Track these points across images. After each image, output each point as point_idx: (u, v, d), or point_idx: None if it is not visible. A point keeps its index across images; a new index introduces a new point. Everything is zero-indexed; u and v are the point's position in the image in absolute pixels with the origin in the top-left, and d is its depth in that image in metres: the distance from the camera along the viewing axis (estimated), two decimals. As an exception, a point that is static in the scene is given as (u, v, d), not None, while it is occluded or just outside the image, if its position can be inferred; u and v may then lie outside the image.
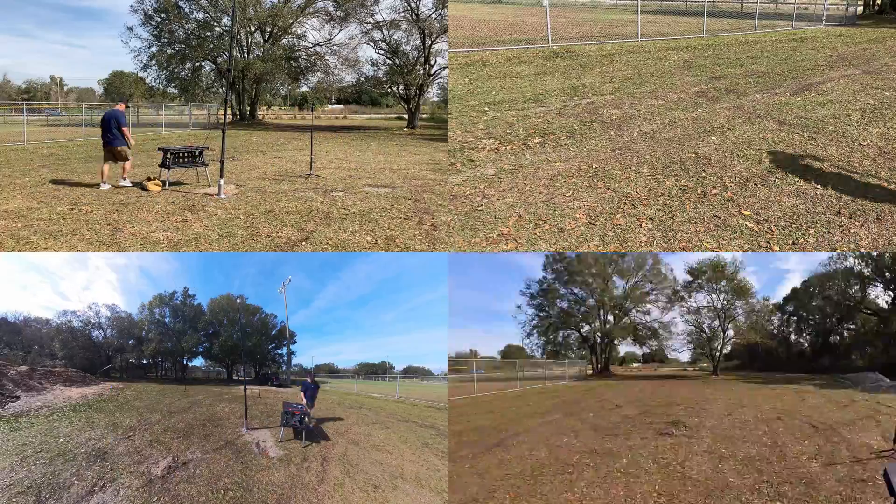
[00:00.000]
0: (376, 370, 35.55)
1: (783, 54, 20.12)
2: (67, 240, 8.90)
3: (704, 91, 14.03)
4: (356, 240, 9.24)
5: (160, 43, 41.69)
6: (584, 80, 15.20)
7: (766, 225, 6.83)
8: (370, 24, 41.59)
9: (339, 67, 43.65)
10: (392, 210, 11.20)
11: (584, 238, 6.74)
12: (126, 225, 9.76)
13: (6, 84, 58.50)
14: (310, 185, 14.13)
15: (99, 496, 5.42)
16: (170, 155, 13.41)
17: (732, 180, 8.16)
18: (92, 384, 15.03)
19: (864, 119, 11.24)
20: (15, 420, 8.83)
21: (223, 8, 40.08)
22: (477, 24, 28.52)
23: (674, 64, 18.03)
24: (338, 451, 7.81)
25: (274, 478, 6.32)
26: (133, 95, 54.94)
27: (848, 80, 15.25)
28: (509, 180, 8.36)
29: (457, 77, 15.57)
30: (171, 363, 25.61)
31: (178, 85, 44.53)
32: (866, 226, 6.77)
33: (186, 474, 6.20)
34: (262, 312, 26.72)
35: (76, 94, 62.66)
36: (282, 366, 26.47)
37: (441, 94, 44.28)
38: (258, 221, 10.24)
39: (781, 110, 12.09)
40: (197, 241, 9.08)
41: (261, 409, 11.59)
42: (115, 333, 24.12)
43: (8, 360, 16.30)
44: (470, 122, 11.19)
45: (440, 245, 8.87)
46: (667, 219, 7.05)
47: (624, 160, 9.10)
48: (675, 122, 11.29)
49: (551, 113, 11.96)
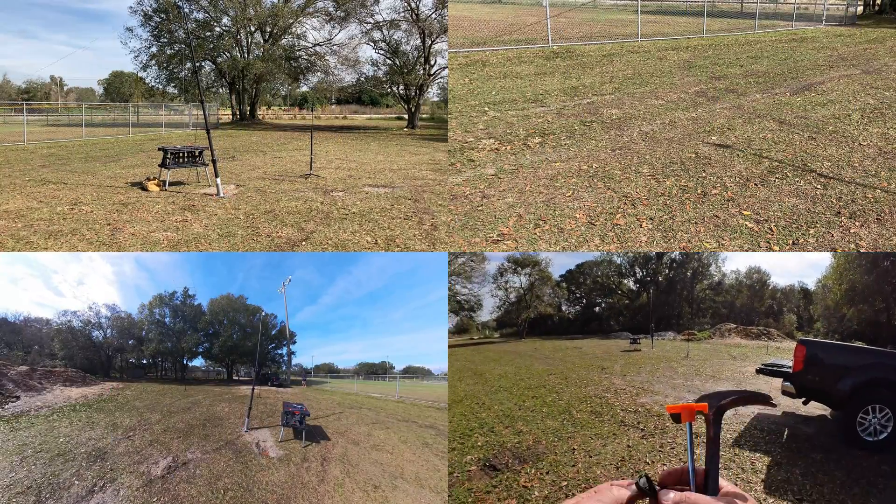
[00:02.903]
0: (376, 370, 35.57)
1: (783, 54, 20.12)
2: (67, 240, 8.90)
3: (704, 91, 14.03)
4: (356, 240, 9.23)
5: (160, 43, 41.69)
6: (584, 80, 15.20)
7: (766, 225, 6.83)
8: (370, 24, 41.59)
9: (339, 67, 43.62)
10: (392, 210, 11.20)
11: (584, 238, 6.73)
12: (126, 225, 9.76)
13: (6, 84, 58.45)
14: (310, 185, 14.13)
15: (99, 496, 5.42)
16: (170, 155, 13.42)
17: (732, 180, 8.16)
18: (92, 384, 15.03)
19: (864, 119, 11.24)
20: (15, 420, 8.83)
21: (223, 8, 40.06)
22: (477, 24, 28.50)
23: (674, 64, 18.02)
24: (338, 451, 7.81)
25: (274, 478, 6.32)
26: (133, 95, 54.93)
27: (848, 80, 15.24)
28: (509, 180, 8.36)
29: (457, 77, 15.57)
30: (171, 363, 25.62)
31: (178, 85, 44.50)
32: (866, 226, 6.77)
33: (186, 474, 6.20)
34: (263, 312, 26.73)
35: (76, 94, 62.62)
36: (282, 366, 26.49)
37: (441, 94, 44.27)
38: (258, 221, 10.24)
39: (781, 110, 12.08)
40: (197, 241, 9.08)
41: (261, 409, 11.59)
42: (115, 333, 24.13)
43: (8, 360, 16.30)
44: (470, 122, 11.19)
45: (440, 245, 8.86)
46: (667, 219, 7.05)
47: (624, 160, 9.09)
48: (675, 122, 11.29)
49: (551, 113, 11.96)
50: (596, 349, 17.27)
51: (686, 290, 29.93)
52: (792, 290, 30.75)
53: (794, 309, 30.03)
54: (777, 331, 23.42)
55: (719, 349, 17.09)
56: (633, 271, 32.70)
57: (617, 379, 11.46)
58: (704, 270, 31.10)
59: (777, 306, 30.45)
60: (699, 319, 27.57)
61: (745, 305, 29.40)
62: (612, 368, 12.92)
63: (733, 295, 30.11)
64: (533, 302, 33.96)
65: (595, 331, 25.46)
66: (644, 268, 32.18)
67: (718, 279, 30.79)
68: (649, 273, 32.21)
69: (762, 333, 21.98)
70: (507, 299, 35.44)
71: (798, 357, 5.93)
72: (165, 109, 39.15)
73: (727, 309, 28.31)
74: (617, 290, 32.15)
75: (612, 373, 12.23)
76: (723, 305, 28.86)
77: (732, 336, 21.67)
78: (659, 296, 29.85)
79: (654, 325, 20.26)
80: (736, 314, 27.21)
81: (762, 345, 19.85)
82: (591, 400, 9.61)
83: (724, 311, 28.05)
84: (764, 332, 22.45)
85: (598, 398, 9.72)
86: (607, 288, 32.26)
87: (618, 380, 11.14)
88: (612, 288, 32.18)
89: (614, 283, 32.02)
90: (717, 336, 22.07)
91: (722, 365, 13.52)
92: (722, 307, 28.68)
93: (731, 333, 21.99)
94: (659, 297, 29.77)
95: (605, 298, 33.17)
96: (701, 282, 30.53)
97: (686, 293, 29.87)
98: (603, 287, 32.68)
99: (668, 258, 30.23)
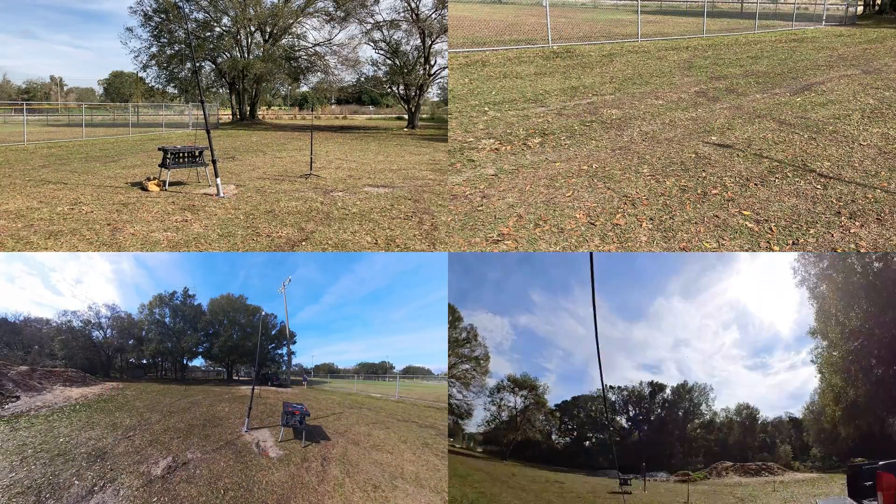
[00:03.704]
0: (376, 370, 35.56)
1: (783, 54, 20.12)
2: (67, 240, 8.90)
3: (704, 91, 14.03)
4: (356, 240, 9.24)
5: (160, 43, 41.71)
6: (584, 81, 15.20)
7: (766, 225, 6.83)
8: (370, 24, 41.60)
9: (339, 67, 43.65)
10: (392, 210, 11.20)
11: (584, 238, 6.74)
12: (126, 225, 9.77)
13: (6, 84, 58.44)
14: (310, 185, 14.13)
15: (99, 496, 5.42)
16: (170, 155, 13.42)
17: (732, 180, 8.16)
18: (92, 384, 15.03)
19: (864, 119, 11.25)
20: (15, 420, 8.83)
21: (223, 8, 40.07)
22: (477, 24, 28.51)
23: (674, 64, 18.02)
24: (338, 451, 7.81)
25: (274, 478, 6.32)
26: (133, 95, 54.94)
27: (848, 80, 15.25)
28: (509, 180, 8.36)
29: (457, 77, 15.57)
30: (171, 363, 25.60)
31: (178, 85, 44.52)
32: (866, 226, 6.77)
33: (186, 474, 6.20)
34: (263, 312, 26.72)
35: (76, 94, 62.61)
36: (282, 366, 26.48)
37: (441, 94, 44.27)
38: (258, 221, 10.24)
39: (781, 110, 12.09)
40: (197, 241, 9.08)
41: (261, 409, 11.59)
42: (115, 333, 24.10)
43: (8, 360, 16.30)
44: (470, 122, 11.19)
45: (440, 245, 8.87)
46: (667, 219, 7.05)
47: (624, 160, 9.10)
48: (675, 122, 11.29)
49: (551, 113, 11.96)
50: (581, 486, 15.58)
51: (678, 429, 29.84)
52: (781, 422, 31.31)
53: (787, 440, 30.24)
54: (776, 464, 23.36)
55: (721, 490, 16.15)
56: (627, 409, 32.66)
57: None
58: (696, 409, 31.08)
59: (770, 439, 30.87)
60: (692, 459, 27.32)
61: (737, 442, 29.73)
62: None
63: (725, 433, 30.30)
64: (523, 425, 34.24)
65: (581, 465, 24.48)
66: (637, 406, 31.77)
67: (710, 417, 30.72)
68: (641, 412, 31.95)
69: (762, 469, 21.76)
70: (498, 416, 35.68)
71: (888, 489, 5.25)
72: (165, 109, 39.14)
73: (719, 447, 28.45)
74: (610, 426, 32.21)
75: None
76: (715, 443, 28.86)
77: (730, 475, 21.07)
78: (650, 435, 29.64)
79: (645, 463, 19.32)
80: (729, 451, 27.42)
81: (766, 481, 19.39)
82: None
83: (717, 450, 27.99)
84: (763, 466, 22.24)
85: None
86: (600, 423, 32.08)
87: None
88: (605, 424, 32.14)
89: (608, 419, 32.10)
90: (713, 475, 21.53)
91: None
92: (714, 445, 28.66)
93: (729, 472, 21.54)
94: (650, 436, 29.55)
95: (597, 434, 32.40)
96: (692, 420, 30.42)
97: (678, 432, 29.74)
98: (595, 422, 32.07)
99: (661, 398, 30.38)
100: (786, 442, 29.77)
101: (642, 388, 31.72)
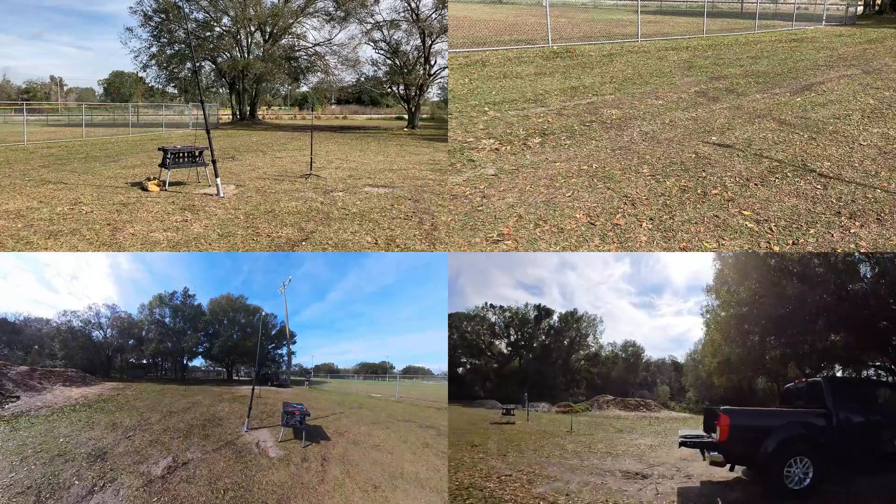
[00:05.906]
0: (376, 370, 35.58)
1: (783, 54, 20.12)
2: (67, 240, 8.90)
3: (704, 91, 14.03)
4: (356, 240, 9.24)
5: (160, 43, 41.69)
6: (584, 81, 15.20)
7: (766, 225, 6.84)
8: (370, 24, 41.59)
9: (339, 67, 43.64)
10: (392, 210, 11.20)
11: (584, 238, 6.74)
12: (126, 225, 9.77)
13: (6, 84, 58.42)
14: (310, 185, 14.13)
15: (99, 496, 5.42)
16: (170, 155, 13.42)
17: (732, 180, 8.16)
18: (92, 384, 15.03)
19: (864, 119, 11.25)
20: (15, 420, 8.83)
21: (223, 8, 40.06)
22: (477, 24, 28.50)
23: (674, 64, 18.02)
24: (338, 451, 7.81)
25: (274, 478, 6.32)
26: (133, 95, 54.93)
27: (848, 80, 15.25)
28: (509, 180, 8.36)
29: (457, 77, 15.57)
30: (171, 363, 25.61)
31: (178, 85, 44.51)
32: (866, 226, 6.77)
33: (186, 474, 6.20)
34: (263, 312, 26.73)
35: (76, 94, 62.58)
36: (282, 366, 26.49)
37: (441, 94, 44.27)
38: (258, 221, 10.24)
39: (781, 110, 12.09)
40: (197, 241, 9.08)
41: (261, 409, 11.59)
42: (115, 333, 24.12)
43: (8, 360, 16.29)
44: (470, 122, 11.19)
45: (440, 245, 8.87)
46: (667, 219, 7.05)
47: (624, 160, 9.10)
48: (675, 122, 11.29)
49: (551, 113, 11.96)
50: (460, 418, 14.71)
51: (562, 358, 28.61)
52: (664, 363, 31.30)
53: (667, 381, 30.36)
54: (654, 401, 23.86)
55: (601, 422, 16.46)
56: (508, 332, 28.74)
57: (497, 461, 8.55)
58: (582, 340, 28.91)
59: (651, 378, 30.87)
60: (574, 390, 26.77)
61: (620, 377, 29.52)
62: (485, 446, 9.85)
63: (609, 367, 29.73)
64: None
65: (456, 396, 23.13)
66: (520, 330, 28.24)
67: (596, 350, 29.75)
68: (524, 337, 28.36)
69: (640, 404, 22.26)
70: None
71: (723, 427, 6.32)
72: (165, 109, 39.14)
73: (602, 380, 28.06)
74: (487, 350, 28.59)
75: (488, 452, 9.27)
76: (598, 377, 28.35)
77: (610, 408, 21.44)
78: (532, 363, 27.30)
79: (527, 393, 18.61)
80: (611, 385, 27.15)
81: (642, 416, 19.83)
82: (471, 492, 6.54)
83: (599, 383, 27.62)
84: (642, 402, 22.76)
85: (479, 489, 6.66)
86: (476, 347, 28.17)
87: (498, 462, 8.36)
88: (482, 348, 28.38)
89: (485, 342, 28.54)
90: (595, 408, 21.69)
91: (612, 439, 11.44)
92: (597, 378, 28.18)
93: (609, 405, 21.86)
94: (532, 364, 27.22)
95: (472, 359, 28.41)
96: (577, 351, 29.36)
97: (561, 362, 28.57)
98: (471, 346, 27.98)
99: (547, 324, 28.83)
100: (665, 382, 29.69)
101: (528, 310, 29.52)
